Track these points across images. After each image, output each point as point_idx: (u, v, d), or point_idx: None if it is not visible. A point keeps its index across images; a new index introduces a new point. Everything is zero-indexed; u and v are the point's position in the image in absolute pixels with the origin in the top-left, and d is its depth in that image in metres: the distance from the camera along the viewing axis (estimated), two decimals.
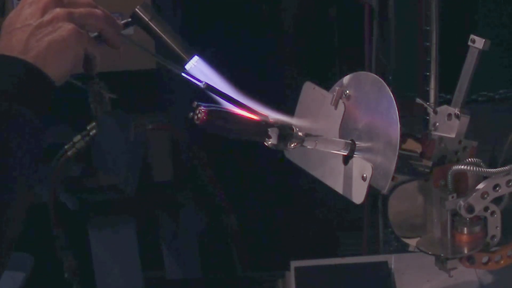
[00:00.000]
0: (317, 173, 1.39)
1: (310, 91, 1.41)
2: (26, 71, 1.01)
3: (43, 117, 1.02)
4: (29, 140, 0.99)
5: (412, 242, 1.52)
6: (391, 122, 1.28)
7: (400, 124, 1.28)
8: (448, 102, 1.47)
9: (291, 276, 1.80)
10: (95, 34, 1.12)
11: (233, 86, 1.19)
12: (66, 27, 1.04)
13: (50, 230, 2.39)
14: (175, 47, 1.20)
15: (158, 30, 1.21)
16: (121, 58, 1.27)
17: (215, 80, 1.19)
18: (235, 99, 1.18)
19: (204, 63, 1.20)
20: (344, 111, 1.35)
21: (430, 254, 1.49)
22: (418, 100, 1.51)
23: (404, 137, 1.42)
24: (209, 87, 1.16)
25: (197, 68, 1.19)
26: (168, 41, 1.21)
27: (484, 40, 1.41)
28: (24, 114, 0.99)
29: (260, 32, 3.07)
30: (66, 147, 2.19)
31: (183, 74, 1.17)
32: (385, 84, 1.32)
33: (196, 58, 1.20)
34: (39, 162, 1.03)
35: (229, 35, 3.00)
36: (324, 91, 1.39)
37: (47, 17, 1.05)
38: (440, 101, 1.52)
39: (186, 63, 1.19)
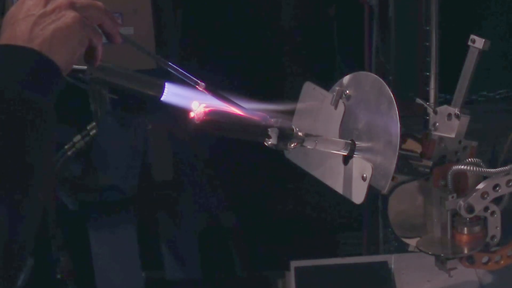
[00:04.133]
0: (317, 173, 1.39)
1: (310, 91, 1.41)
2: (33, 58, 1.02)
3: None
4: (42, 125, 1.00)
5: (412, 242, 1.52)
6: (391, 122, 1.28)
7: (400, 124, 1.28)
8: (448, 102, 1.47)
9: (291, 276, 1.81)
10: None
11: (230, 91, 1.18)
12: (70, 15, 1.05)
13: (50, 231, 2.39)
14: (144, 90, 1.19)
15: (120, 82, 1.19)
16: (121, 58, 1.27)
17: (190, 95, 1.18)
18: (233, 101, 1.18)
19: (175, 85, 1.18)
20: (344, 111, 1.35)
21: (430, 254, 1.49)
22: (418, 100, 1.51)
23: (404, 137, 1.42)
24: (208, 89, 1.16)
25: (171, 92, 1.18)
26: (135, 87, 1.19)
27: (484, 40, 1.42)
28: (35, 100, 1.00)
29: (260, 32, 3.07)
30: (66, 147, 2.19)
31: (181, 76, 1.17)
32: (385, 84, 1.32)
33: (166, 85, 1.18)
34: (55, 149, 1.04)
35: (228, 35, 3.00)
36: (324, 91, 1.39)
37: (50, 6, 1.06)
38: (440, 101, 1.52)
39: (161, 96, 1.18)
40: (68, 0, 1.07)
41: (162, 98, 1.17)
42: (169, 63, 1.18)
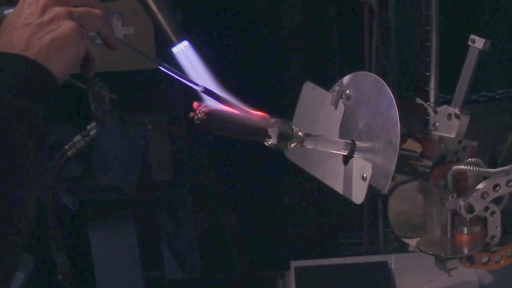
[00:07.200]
0: (317, 173, 1.39)
1: (310, 91, 1.41)
2: (28, 67, 1.02)
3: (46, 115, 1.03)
4: (35, 134, 1.00)
5: (412, 242, 1.52)
6: (391, 122, 1.28)
7: (400, 124, 1.28)
8: (448, 102, 1.47)
9: (291, 276, 1.81)
10: (93, 34, 1.12)
11: (216, 77, 1.19)
12: (67, 25, 1.05)
13: (50, 231, 2.39)
14: (166, 28, 1.19)
15: (153, 6, 1.20)
16: (121, 59, 1.27)
17: (198, 69, 1.18)
18: (233, 102, 1.18)
19: (192, 50, 1.19)
20: (344, 111, 1.35)
21: (430, 254, 1.49)
22: (418, 100, 1.51)
23: (404, 137, 1.42)
24: (207, 91, 1.16)
25: (184, 53, 1.18)
26: (161, 20, 1.20)
27: (484, 40, 1.41)
28: (30, 109, 1.00)
29: (260, 32, 3.07)
30: (66, 147, 2.19)
31: (180, 78, 1.17)
32: (385, 84, 1.32)
33: (185, 43, 1.19)
34: (46, 158, 1.04)
35: (228, 35, 3.00)
36: (324, 91, 1.39)
37: (47, 15, 1.05)
38: (440, 101, 1.52)
39: (174, 46, 1.19)
40: (66, 9, 1.06)
41: (174, 49, 1.17)
42: (168, 66, 1.18)
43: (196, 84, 1.16)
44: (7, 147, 0.96)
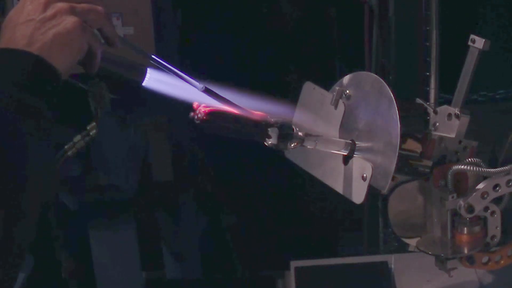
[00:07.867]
0: (317, 173, 1.39)
1: (310, 91, 1.41)
2: (32, 62, 1.02)
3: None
4: (40, 129, 1.00)
5: (412, 242, 1.52)
6: (391, 122, 1.28)
7: (400, 124, 1.28)
8: (448, 102, 1.47)
9: (291, 276, 1.81)
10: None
11: (216, 76, 1.18)
12: (70, 20, 1.05)
13: (50, 231, 2.39)
14: (125, 73, 1.18)
15: (105, 61, 1.18)
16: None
17: (174, 83, 1.18)
18: (233, 102, 1.18)
19: (156, 71, 1.18)
20: (344, 111, 1.35)
21: (430, 254, 1.49)
22: (418, 100, 1.51)
23: (404, 137, 1.42)
24: (208, 90, 1.16)
25: (153, 78, 1.18)
26: (118, 70, 1.18)
27: (484, 40, 1.41)
28: (34, 104, 1.00)
29: (260, 32, 3.07)
30: (66, 147, 2.19)
31: (180, 78, 1.17)
32: (385, 84, 1.32)
33: (148, 70, 1.18)
34: (51, 154, 1.04)
35: (228, 35, 3.00)
36: (324, 91, 1.39)
37: (50, 11, 1.06)
38: (440, 101, 1.52)
39: (143, 82, 1.18)
40: (68, 4, 1.07)
41: (144, 84, 1.16)
42: (168, 65, 1.18)
43: (196, 84, 1.17)
44: (11, 143, 0.96)
